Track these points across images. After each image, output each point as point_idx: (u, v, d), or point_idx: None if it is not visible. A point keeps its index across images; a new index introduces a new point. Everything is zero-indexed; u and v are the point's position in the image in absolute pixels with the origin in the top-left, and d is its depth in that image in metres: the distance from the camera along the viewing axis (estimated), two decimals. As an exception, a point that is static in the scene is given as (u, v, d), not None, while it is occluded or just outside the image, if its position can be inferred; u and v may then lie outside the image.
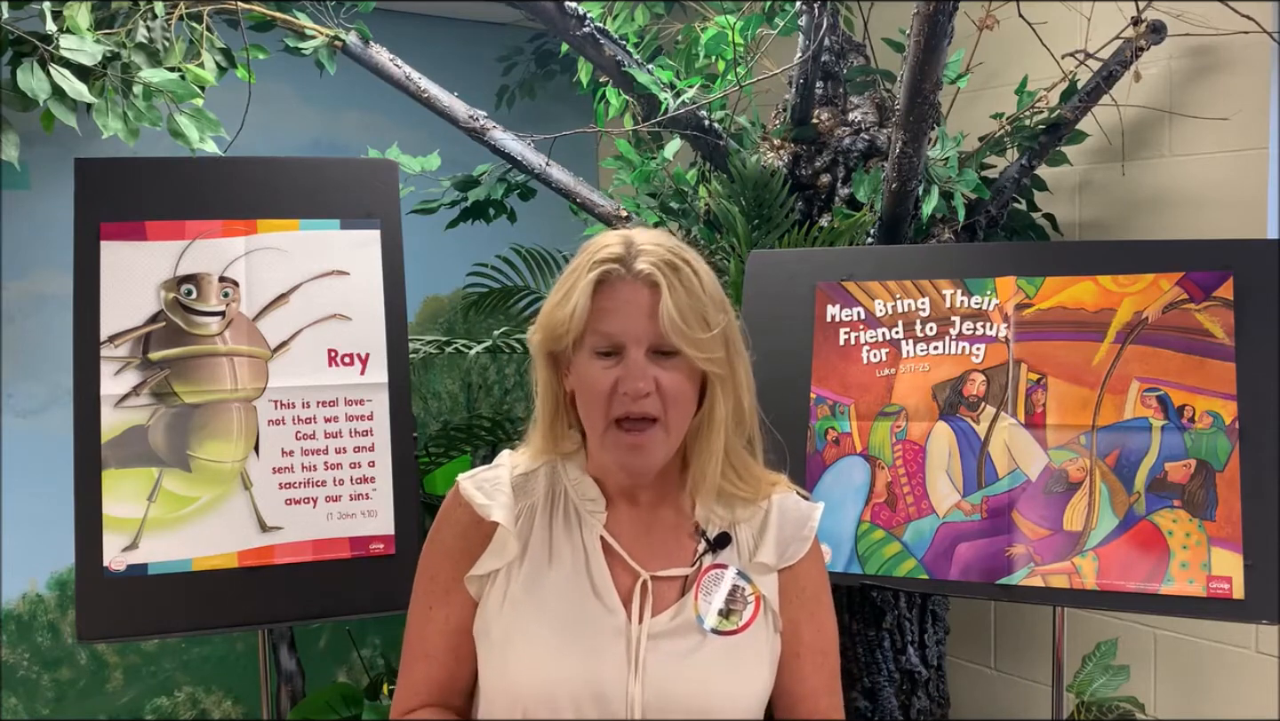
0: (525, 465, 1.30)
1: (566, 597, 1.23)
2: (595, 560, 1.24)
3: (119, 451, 2.04)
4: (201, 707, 3.30)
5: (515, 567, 1.25)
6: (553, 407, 1.28)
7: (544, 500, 1.28)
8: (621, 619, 1.21)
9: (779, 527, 1.30)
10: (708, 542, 1.27)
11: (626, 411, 1.19)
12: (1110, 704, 2.32)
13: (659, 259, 1.20)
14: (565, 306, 1.20)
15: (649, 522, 1.28)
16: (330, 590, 2.11)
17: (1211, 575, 1.83)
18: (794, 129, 2.62)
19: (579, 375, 1.22)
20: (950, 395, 2.05)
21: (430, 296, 3.69)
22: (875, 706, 2.49)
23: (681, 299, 1.18)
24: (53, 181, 2.96)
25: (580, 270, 1.21)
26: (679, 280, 1.19)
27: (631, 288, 1.19)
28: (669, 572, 1.25)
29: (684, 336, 1.18)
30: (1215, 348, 1.90)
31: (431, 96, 2.70)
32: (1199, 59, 2.51)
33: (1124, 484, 1.91)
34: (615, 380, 1.19)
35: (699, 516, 1.28)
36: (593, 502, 1.27)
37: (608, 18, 2.80)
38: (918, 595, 2.52)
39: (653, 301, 1.18)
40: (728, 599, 1.24)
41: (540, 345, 1.25)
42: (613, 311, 1.19)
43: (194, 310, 2.10)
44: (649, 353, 1.19)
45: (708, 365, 1.21)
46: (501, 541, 1.25)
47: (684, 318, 1.18)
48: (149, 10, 2.27)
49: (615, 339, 1.19)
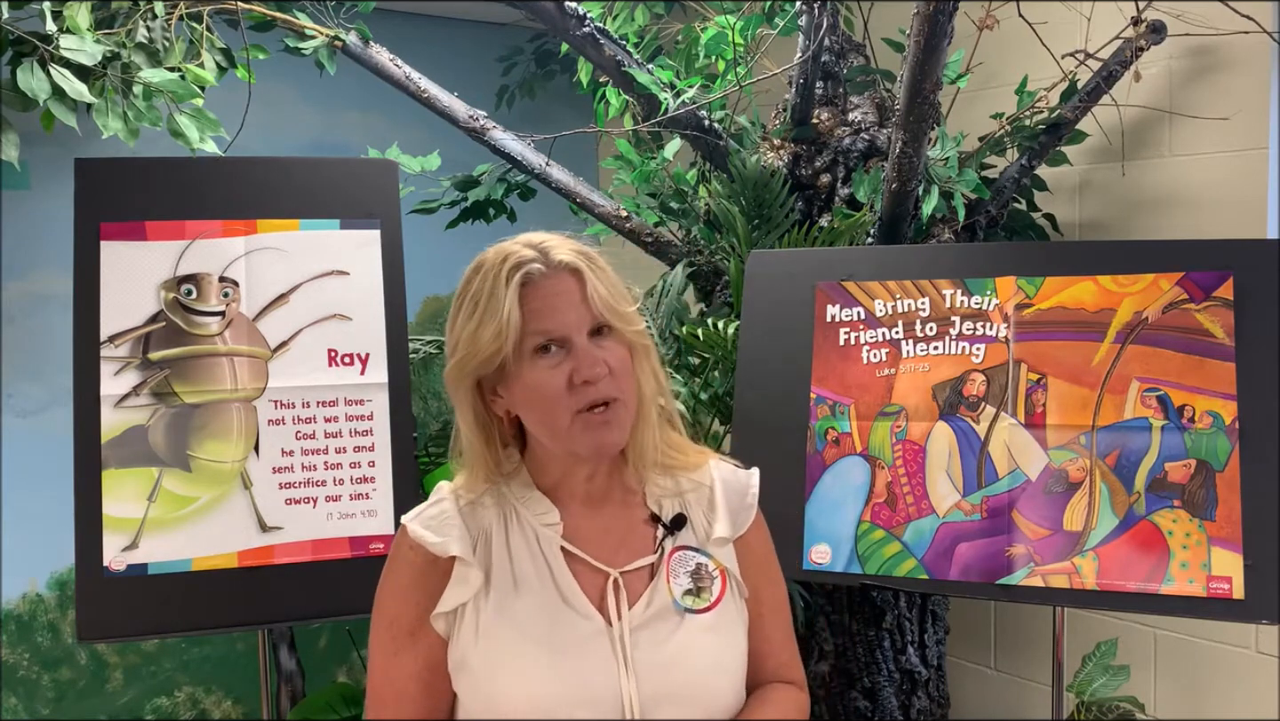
0: (468, 493, 1.28)
1: (540, 614, 1.22)
2: (560, 571, 1.24)
3: (119, 451, 2.04)
4: (201, 707, 3.30)
5: (482, 597, 1.23)
6: (484, 437, 1.27)
7: (496, 523, 1.27)
8: (599, 622, 1.21)
9: (725, 499, 1.33)
10: (665, 526, 1.29)
11: (590, 398, 1.19)
12: (1110, 704, 2.32)
13: (571, 249, 1.24)
14: (490, 323, 1.19)
15: (604, 520, 1.28)
16: (330, 590, 2.11)
17: (1211, 575, 1.83)
18: (794, 129, 2.62)
19: (525, 384, 1.21)
20: (950, 395, 2.05)
21: (430, 296, 3.69)
22: (875, 706, 2.49)
23: (605, 278, 1.23)
24: (53, 181, 2.96)
25: (493, 284, 1.20)
26: (594, 264, 1.24)
27: (556, 279, 1.21)
28: (636, 565, 1.26)
29: (615, 312, 1.22)
30: (1215, 348, 1.90)
31: (431, 96, 2.70)
32: (1199, 59, 2.51)
33: (1124, 484, 1.91)
34: (569, 374, 1.19)
35: (649, 500, 1.30)
36: (546, 515, 1.27)
37: (608, 18, 2.80)
38: (918, 595, 2.52)
39: (579, 288, 1.21)
40: (694, 578, 1.26)
41: (465, 375, 1.22)
42: (545, 308, 1.20)
43: (194, 310, 2.10)
44: (589, 337, 1.21)
45: (636, 336, 1.24)
46: (463, 574, 1.23)
47: (611, 294, 1.22)
48: (149, 10, 2.27)
49: (556, 332, 1.20)
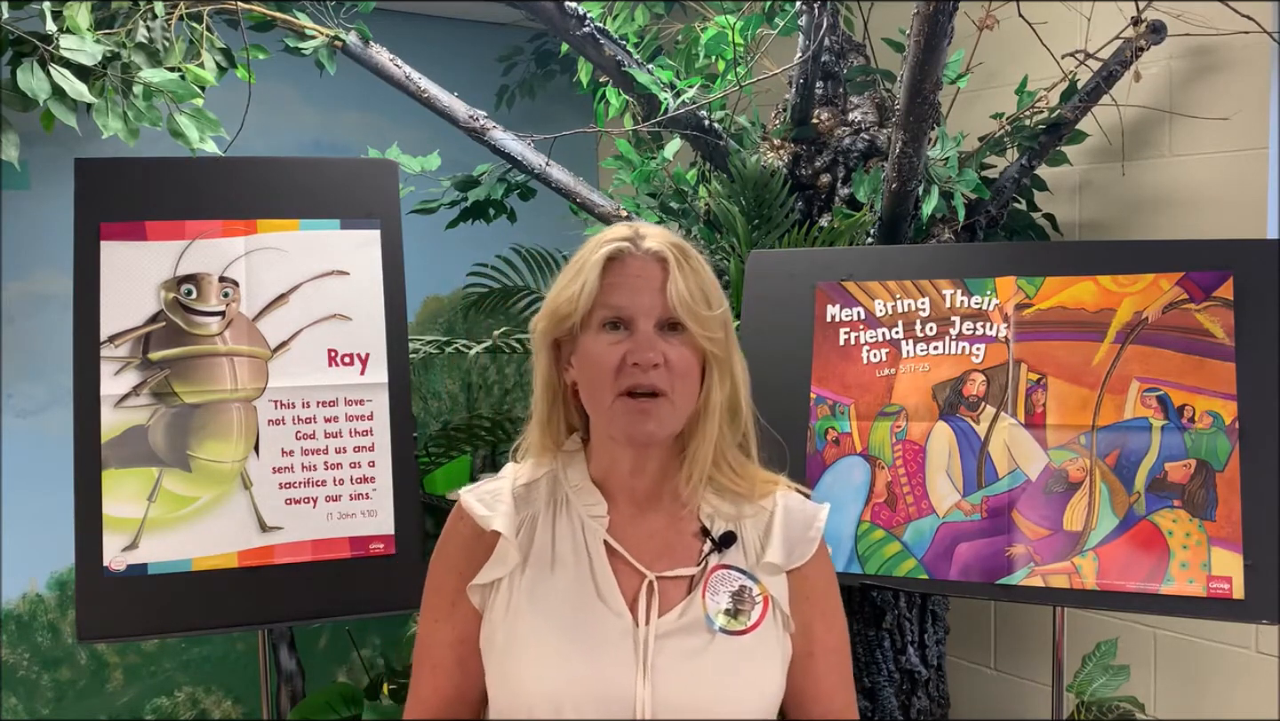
0: (527, 476, 1.31)
1: (571, 602, 1.22)
2: (599, 564, 1.24)
3: (119, 451, 2.04)
4: (201, 707, 3.30)
5: (518, 576, 1.24)
6: (550, 402, 1.29)
7: (545, 508, 1.28)
8: (627, 621, 1.20)
9: (785, 528, 1.29)
10: (713, 542, 1.26)
11: (635, 383, 1.19)
12: (1110, 704, 2.32)
13: (666, 241, 1.24)
14: (572, 286, 1.23)
15: (652, 524, 1.27)
16: (330, 590, 2.11)
17: (1211, 575, 1.83)
18: (794, 129, 2.62)
19: (584, 353, 1.23)
20: (950, 395, 2.05)
21: (430, 296, 3.69)
22: (875, 706, 2.49)
23: (689, 276, 1.22)
24: (53, 181, 2.96)
25: (587, 254, 1.24)
26: (686, 260, 1.23)
27: (641, 263, 1.22)
28: (675, 573, 1.24)
29: (690, 311, 1.20)
30: (1215, 347, 1.90)
31: (431, 96, 2.70)
32: (1199, 59, 2.51)
33: (1124, 484, 1.91)
34: (623, 353, 1.20)
35: (703, 515, 1.28)
36: (594, 506, 1.27)
37: (608, 18, 2.79)
38: (918, 595, 2.51)
39: (661, 277, 1.21)
40: (735, 599, 1.23)
41: (544, 332, 1.26)
42: (622, 285, 1.21)
43: (194, 310, 2.10)
44: (656, 328, 1.21)
45: (709, 344, 1.22)
46: (503, 551, 1.25)
47: (691, 294, 1.21)
48: (149, 10, 2.27)
49: (624, 311, 1.21)
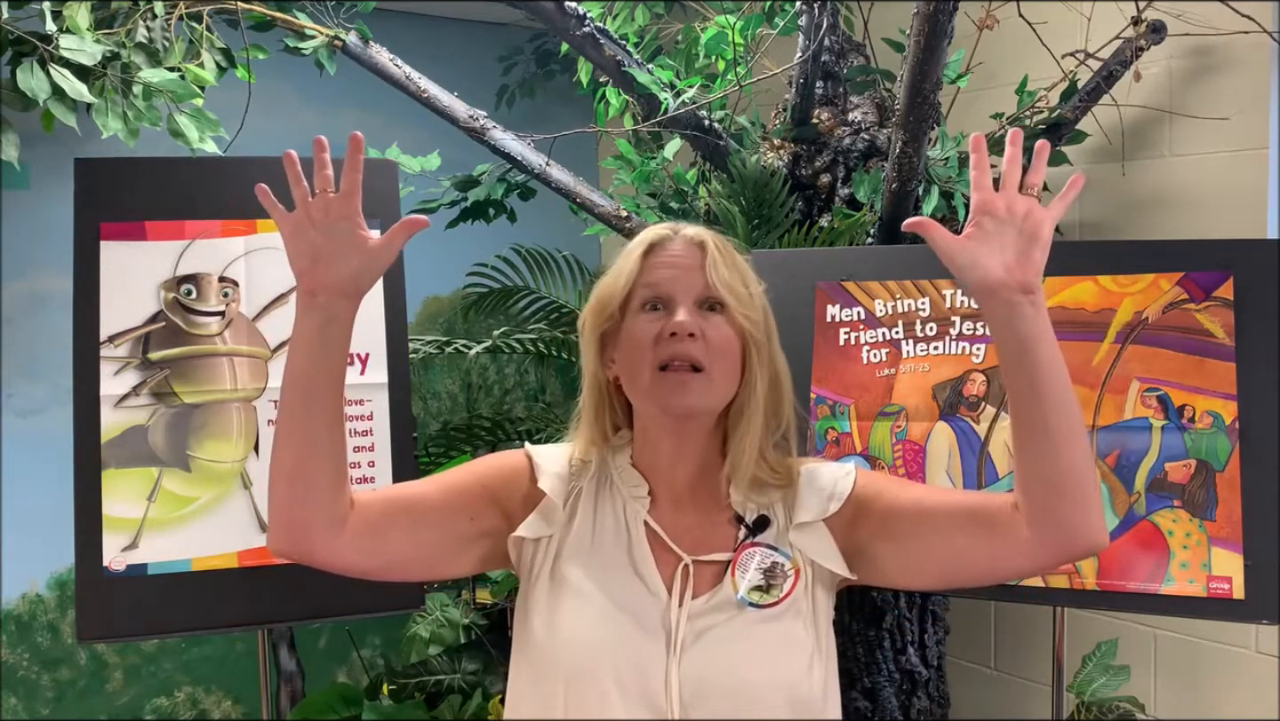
0: (580, 454, 1.34)
1: (609, 575, 1.25)
2: (638, 543, 1.27)
3: (119, 451, 2.04)
4: (201, 707, 3.30)
5: (559, 541, 1.28)
6: (597, 397, 1.32)
7: (589, 485, 1.31)
8: (663, 600, 1.23)
9: (811, 486, 1.30)
10: (747, 528, 1.28)
11: (672, 353, 1.22)
12: (1110, 704, 2.33)
13: (705, 230, 1.31)
14: (616, 276, 1.29)
15: (690, 513, 1.30)
16: (330, 590, 2.08)
17: (1211, 575, 1.83)
18: (794, 129, 2.61)
19: (625, 335, 1.27)
20: (950, 395, 2.05)
21: (430, 296, 3.69)
22: (875, 706, 2.49)
23: (728, 258, 1.28)
24: (53, 181, 2.96)
25: (631, 247, 1.30)
26: (724, 246, 1.29)
27: (679, 246, 1.28)
28: (711, 557, 1.26)
29: (729, 288, 1.25)
30: (1215, 348, 1.90)
31: (431, 96, 2.70)
32: (1199, 59, 2.51)
33: (1124, 484, 1.91)
34: (661, 327, 1.24)
35: (735, 503, 1.29)
36: (637, 489, 1.30)
37: (608, 18, 2.79)
38: (918, 595, 2.52)
39: (700, 259, 1.27)
40: (766, 574, 1.25)
41: (591, 326, 1.30)
42: (661, 267, 1.27)
43: (194, 310, 2.10)
44: (696, 306, 1.25)
45: (748, 324, 1.26)
46: (548, 510, 1.29)
47: (729, 273, 1.26)
48: (149, 10, 2.27)
49: (663, 288, 1.25)
